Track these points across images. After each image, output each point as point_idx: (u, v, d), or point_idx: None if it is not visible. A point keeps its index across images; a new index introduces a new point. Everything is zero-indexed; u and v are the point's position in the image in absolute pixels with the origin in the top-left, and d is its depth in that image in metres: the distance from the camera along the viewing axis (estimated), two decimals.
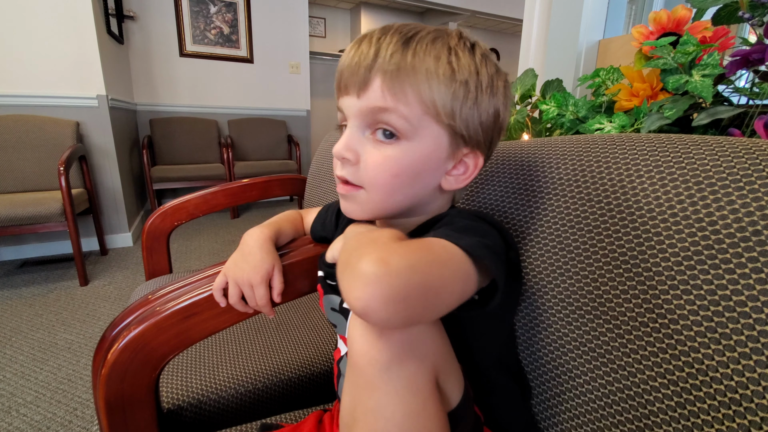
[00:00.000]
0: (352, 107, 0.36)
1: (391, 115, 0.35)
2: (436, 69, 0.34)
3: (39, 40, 1.91)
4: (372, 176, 0.37)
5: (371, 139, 0.37)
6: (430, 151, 0.37)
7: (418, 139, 0.36)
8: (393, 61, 0.34)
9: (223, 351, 0.67)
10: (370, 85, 0.35)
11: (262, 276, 0.43)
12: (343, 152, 0.37)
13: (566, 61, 1.08)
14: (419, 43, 0.34)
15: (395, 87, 0.34)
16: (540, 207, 0.44)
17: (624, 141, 0.40)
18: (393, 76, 0.34)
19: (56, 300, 1.65)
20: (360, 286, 0.24)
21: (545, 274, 0.42)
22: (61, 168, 1.64)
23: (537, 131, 0.74)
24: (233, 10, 3.20)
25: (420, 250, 0.28)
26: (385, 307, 0.24)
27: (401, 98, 0.34)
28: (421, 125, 0.35)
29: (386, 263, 0.25)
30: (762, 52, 0.46)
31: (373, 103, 0.35)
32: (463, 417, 0.33)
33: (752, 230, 0.28)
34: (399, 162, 0.36)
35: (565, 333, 0.40)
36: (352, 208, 0.39)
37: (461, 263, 0.30)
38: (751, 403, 0.26)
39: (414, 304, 0.25)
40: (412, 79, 0.34)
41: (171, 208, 0.93)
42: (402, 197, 0.38)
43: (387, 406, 0.29)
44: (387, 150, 0.36)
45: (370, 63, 0.34)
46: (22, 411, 1.05)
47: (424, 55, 0.34)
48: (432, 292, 0.26)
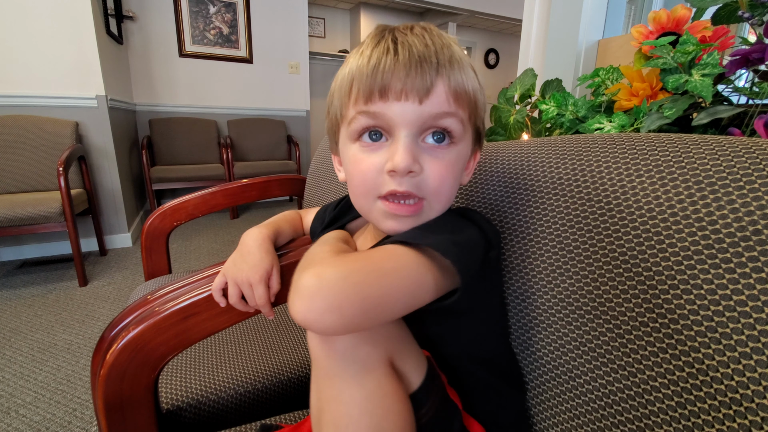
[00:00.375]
0: (409, 113, 0.33)
1: (452, 119, 0.34)
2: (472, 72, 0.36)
3: (38, 41, 1.91)
4: (437, 185, 0.35)
5: (425, 147, 0.35)
6: (466, 152, 0.38)
7: (464, 141, 0.37)
8: (452, 66, 0.33)
9: (222, 351, 0.67)
10: (434, 89, 0.33)
11: (261, 275, 0.43)
12: (412, 164, 0.33)
13: (566, 61, 1.08)
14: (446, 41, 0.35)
15: (459, 89, 0.34)
16: (540, 206, 0.44)
17: (624, 141, 0.40)
18: (457, 77, 0.34)
19: (55, 300, 1.65)
20: (298, 301, 0.26)
21: (545, 273, 0.42)
22: (60, 168, 1.64)
23: (537, 131, 0.74)
24: (232, 10, 3.20)
25: (357, 260, 0.29)
26: (321, 318, 0.26)
27: (461, 103, 0.34)
28: (467, 127, 0.37)
29: (320, 277, 0.26)
30: (762, 51, 0.46)
31: (437, 109, 0.33)
32: (426, 399, 0.34)
33: (752, 229, 0.28)
34: (456, 167, 0.37)
35: (565, 333, 0.40)
36: (411, 225, 0.37)
37: (410, 266, 0.30)
38: (752, 403, 0.26)
39: (350, 312, 0.26)
40: (466, 83, 0.34)
41: (170, 209, 0.93)
42: (451, 202, 0.39)
43: (345, 391, 0.30)
44: (445, 156, 0.35)
45: (434, 64, 0.33)
46: (21, 412, 1.04)
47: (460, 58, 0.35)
48: (370, 302, 0.27)
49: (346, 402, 0.30)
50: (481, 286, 0.39)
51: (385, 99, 0.33)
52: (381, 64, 0.33)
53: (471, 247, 0.34)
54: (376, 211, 0.37)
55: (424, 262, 0.31)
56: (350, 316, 0.26)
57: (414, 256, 0.31)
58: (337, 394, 0.30)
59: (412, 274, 0.30)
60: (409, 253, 0.31)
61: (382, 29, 0.36)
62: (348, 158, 0.38)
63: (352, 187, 0.39)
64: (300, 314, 0.26)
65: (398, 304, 0.29)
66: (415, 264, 0.31)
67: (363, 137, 0.36)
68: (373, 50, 0.34)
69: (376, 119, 0.34)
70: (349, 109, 0.36)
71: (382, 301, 0.28)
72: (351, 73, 0.35)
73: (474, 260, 0.34)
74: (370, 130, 0.35)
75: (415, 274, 0.30)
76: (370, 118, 0.35)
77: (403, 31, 0.35)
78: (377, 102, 0.34)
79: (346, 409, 0.30)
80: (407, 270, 0.30)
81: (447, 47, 0.34)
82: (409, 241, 0.32)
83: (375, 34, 0.36)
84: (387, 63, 0.33)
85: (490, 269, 0.38)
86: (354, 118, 0.36)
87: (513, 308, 0.46)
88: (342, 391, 0.30)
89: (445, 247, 0.31)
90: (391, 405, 0.30)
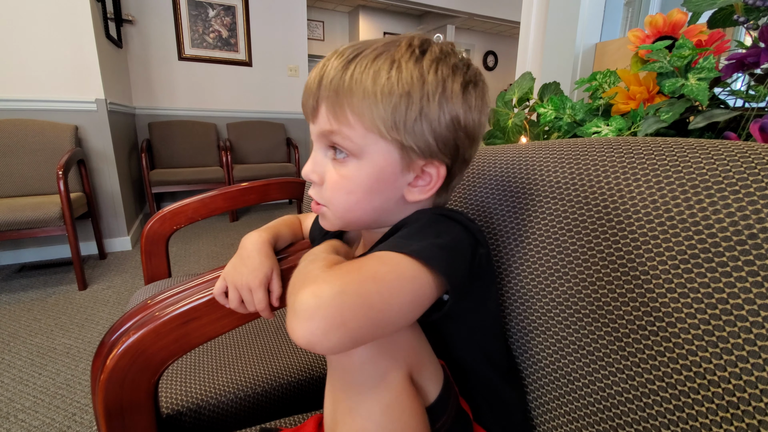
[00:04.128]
0: (312, 131, 0.39)
1: (337, 136, 0.36)
2: (373, 87, 0.34)
3: (38, 45, 1.91)
4: (330, 196, 0.39)
5: (330, 159, 0.38)
6: (381, 167, 0.37)
7: (367, 156, 0.36)
8: (332, 86, 0.35)
9: (222, 355, 0.67)
10: (318, 110, 0.37)
11: (261, 280, 0.43)
12: (310, 174, 0.39)
13: (563, 64, 1.08)
14: (359, 63, 0.35)
15: (336, 110, 0.35)
16: (537, 210, 0.45)
17: (621, 145, 0.40)
18: (333, 100, 0.35)
19: (55, 304, 1.65)
20: (298, 324, 0.25)
21: (543, 277, 0.43)
22: (59, 172, 1.64)
23: (534, 134, 0.74)
24: (232, 13, 3.21)
25: (351, 271, 0.28)
26: (327, 338, 0.25)
27: (343, 120, 0.35)
28: (367, 143, 0.36)
29: (317, 296, 0.25)
30: (757, 55, 0.46)
31: (322, 127, 0.37)
32: (443, 411, 0.34)
33: (748, 233, 0.28)
34: (352, 180, 0.37)
35: (563, 336, 0.40)
36: (323, 223, 0.42)
37: (405, 271, 0.30)
38: (749, 406, 0.26)
39: (356, 326, 0.26)
40: (350, 100, 0.35)
41: (170, 212, 0.93)
42: (361, 212, 0.39)
43: (363, 404, 0.30)
44: (342, 169, 0.37)
45: (315, 90, 0.36)
46: (20, 416, 1.04)
47: (361, 74, 0.34)
48: (373, 310, 0.27)
49: (363, 416, 0.29)
50: (476, 285, 0.39)
51: (306, 117, 0.40)
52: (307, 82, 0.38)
53: (457, 249, 0.34)
54: None
55: (424, 273, 0.31)
56: (356, 328, 0.26)
57: (405, 258, 0.31)
58: (354, 406, 0.30)
59: (409, 274, 0.30)
60: (401, 257, 0.31)
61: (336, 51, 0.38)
62: None
63: None
64: (303, 338, 0.25)
65: (403, 306, 0.29)
66: (409, 265, 0.30)
67: None
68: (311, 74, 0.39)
69: None
70: None
71: (386, 306, 0.27)
72: None
73: (461, 260, 0.34)
74: None
75: (411, 274, 0.30)
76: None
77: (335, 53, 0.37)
78: (306, 118, 0.40)
79: (363, 423, 0.29)
80: (402, 271, 0.30)
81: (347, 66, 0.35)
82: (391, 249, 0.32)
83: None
84: (307, 82, 0.38)
85: (481, 268, 0.38)
86: None
87: (512, 311, 0.46)
88: (359, 404, 0.30)
89: (429, 253, 0.31)
90: (408, 420, 0.30)
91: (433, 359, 0.36)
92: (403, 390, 0.31)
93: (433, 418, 0.33)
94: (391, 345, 0.31)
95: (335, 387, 0.32)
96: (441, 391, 0.34)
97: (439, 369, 0.36)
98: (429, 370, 0.34)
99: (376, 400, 0.30)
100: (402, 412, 0.30)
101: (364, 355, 0.30)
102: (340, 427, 0.30)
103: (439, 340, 0.40)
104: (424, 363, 0.34)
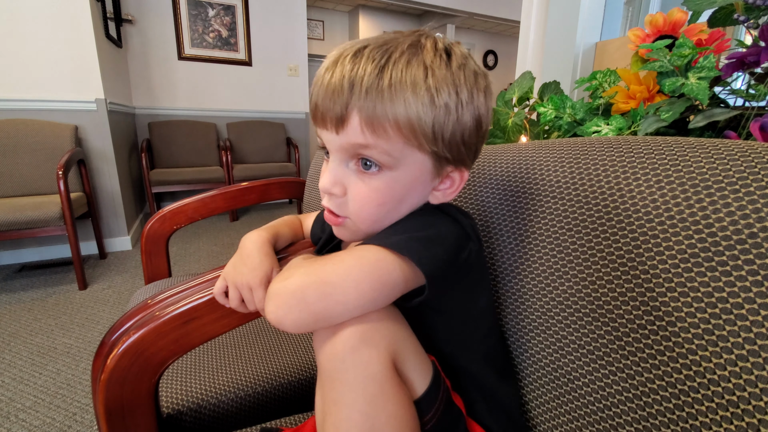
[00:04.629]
0: (332, 142, 0.35)
1: (372, 150, 0.33)
2: (415, 98, 0.32)
3: (37, 45, 1.91)
4: (358, 208, 0.36)
5: (355, 170, 0.36)
6: (414, 177, 0.36)
7: (402, 168, 0.35)
8: (370, 96, 0.31)
9: (222, 355, 0.67)
10: (348, 121, 0.33)
11: (261, 278, 0.43)
12: (331, 188, 0.36)
13: (563, 64, 1.08)
14: (394, 68, 0.32)
15: (374, 123, 0.32)
16: (537, 210, 0.45)
17: (621, 144, 0.40)
18: (371, 111, 0.32)
19: (55, 304, 1.65)
20: (269, 303, 0.30)
21: (543, 277, 0.43)
22: (59, 172, 1.64)
23: (535, 134, 0.74)
24: (231, 13, 3.21)
25: (323, 263, 0.31)
26: (290, 313, 0.29)
27: (381, 134, 0.32)
28: (404, 155, 0.34)
29: (287, 279, 0.30)
30: (757, 54, 0.46)
31: (353, 140, 0.33)
32: (432, 405, 0.34)
33: (748, 233, 0.28)
34: (384, 193, 0.36)
35: (564, 336, 0.40)
36: (342, 234, 0.41)
37: (368, 255, 0.32)
38: (749, 405, 0.26)
39: (314, 301, 0.29)
40: (391, 113, 0.32)
41: (170, 212, 0.93)
42: (389, 222, 0.38)
43: (348, 394, 0.30)
44: (372, 182, 0.35)
45: (346, 98, 0.32)
46: (21, 416, 1.04)
47: (400, 83, 0.32)
48: (330, 287, 0.30)
49: (348, 405, 0.30)
50: (464, 279, 0.39)
51: (319, 125, 0.36)
52: (316, 87, 0.35)
53: (438, 240, 0.35)
54: None
55: (391, 258, 0.32)
56: (315, 303, 0.29)
57: (380, 251, 0.32)
58: (339, 397, 0.30)
59: (371, 257, 0.32)
60: (376, 249, 0.33)
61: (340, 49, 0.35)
62: None
63: None
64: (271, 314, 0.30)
65: (361, 286, 0.31)
66: (374, 251, 0.32)
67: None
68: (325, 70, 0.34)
69: (320, 139, 0.37)
70: None
71: (344, 284, 0.30)
72: None
73: (441, 251, 0.34)
74: (322, 145, 0.39)
75: (374, 257, 0.32)
76: (320, 138, 0.38)
77: (349, 52, 0.34)
78: (319, 128, 0.36)
79: (348, 413, 0.30)
80: (364, 254, 0.32)
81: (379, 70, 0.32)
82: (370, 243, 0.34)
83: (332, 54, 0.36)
84: (317, 89, 0.34)
85: (469, 262, 0.38)
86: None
87: (512, 310, 0.46)
88: (344, 395, 0.30)
89: (402, 244, 0.33)
90: (394, 410, 0.30)
91: (419, 351, 0.36)
92: (386, 379, 0.31)
93: (422, 411, 0.33)
94: (372, 334, 0.32)
95: (323, 381, 0.32)
96: (429, 385, 0.35)
97: (427, 362, 0.36)
98: (414, 362, 0.35)
99: (360, 389, 0.30)
100: (387, 401, 0.30)
101: (347, 345, 0.31)
102: (328, 419, 0.31)
103: (429, 335, 0.40)
104: (409, 354, 0.34)
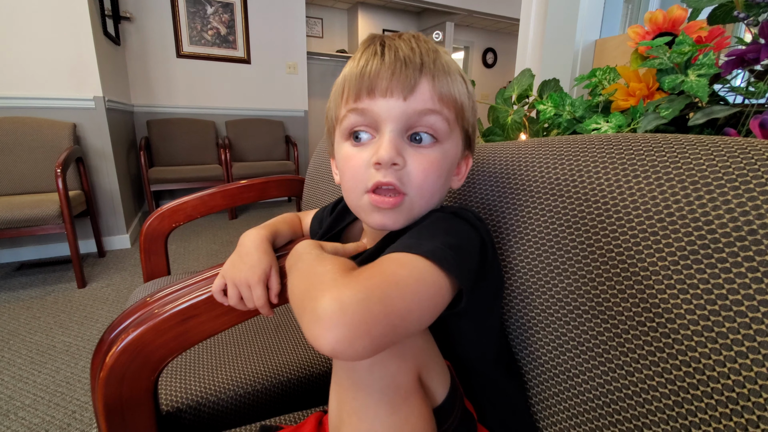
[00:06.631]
0: (394, 109, 0.35)
1: (437, 117, 0.36)
2: (461, 81, 0.37)
3: (35, 42, 1.90)
4: (421, 181, 0.36)
5: (408, 144, 0.37)
6: (454, 153, 0.39)
7: (449, 142, 0.38)
8: (437, 69, 0.35)
9: (221, 353, 0.67)
10: (418, 87, 0.35)
11: (259, 276, 0.43)
12: (395, 157, 0.35)
13: (563, 61, 1.08)
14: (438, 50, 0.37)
15: (442, 93, 0.36)
16: (537, 207, 0.45)
17: (620, 141, 0.40)
18: (440, 83, 0.35)
19: (54, 302, 1.65)
20: (322, 332, 0.24)
21: (542, 274, 0.43)
22: (58, 170, 1.64)
23: (534, 131, 0.74)
24: (230, 10, 3.20)
25: (372, 276, 0.27)
26: (351, 346, 0.24)
27: (445, 104, 0.36)
28: (452, 129, 0.38)
29: (341, 302, 0.24)
30: (757, 51, 0.46)
31: (422, 106, 0.35)
32: (450, 413, 0.34)
33: (748, 229, 0.28)
34: (441, 165, 0.37)
35: (563, 333, 0.40)
36: (394, 219, 0.37)
37: (423, 273, 0.29)
38: (748, 402, 0.26)
39: (379, 333, 0.25)
40: (453, 88, 0.36)
41: (169, 210, 0.93)
42: (436, 201, 0.39)
43: (371, 406, 0.29)
44: (430, 154, 0.37)
45: (418, 65, 0.35)
46: (20, 414, 1.04)
47: (449, 65, 0.37)
48: (396, 316, 0.26)
49: (371, 418, 0.29)
50: (484, 284, 0.39)
51: (372, 96, 0.36)
52: (368, 65, 0.36)
53: (468, 249, 0.34)
54: (364, 205, 0.38)
55: (434, 268, 0.30)
56: (380, 336, 0.25)
57: (422, 260, 0.30)
58: (361, 408, 0.29)
59: (428, 278, 0.29)
60: (417, 259, 0.30)
61: (372, 37, 0.38)
62: (341, 156, 0.40)
63: (344, 184, 0.40)
64: (328, 345, 0.24)
65: (424, 312, 0.28)
66: (427, 268, 0.29)
67: (354, 136, 0.38)
68: (362, 54, 0.37)
69: (364, 116, 0.36)
70: (341, 109, 0.39)
71: (408, 312, 0.27)
72: (344, 77, 0.38)
73: (472, 261, 0.34)
74: (359, 127, 0.37)
75: (430, 277, 0.29)
76: (359, 115, 0.37)
77: (392, 37, 0.37)
78: (365, 99, 0.36)
79: (370, 424, 0.29)
80: (421, 274, 0.29)
81: (433, 52, 0.37)
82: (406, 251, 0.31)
83: (365, 41, 0.39)
84: (374, 64, 0.35)
85: (488, 267, 0.38)
86: (345, 116, 0.38)
87: (511, 308, 0.46)
88: (366, 406, 0.29)
89: (442, 254, 0.30)
90: (417, 422, 0.30)
91: (440, 360, 0.36)
92: (412, 392, 0.30)
93: (440, 420, 0.33)
94: (401, 346, 0.31)
95: (342, 386, 0.31)
96: (448, 393, 0.34)
97: (446, 370, 0.36)
98: (436, 371, 0.34)
99: (385, 401, 0.29)
100: (410, 414, 0.30)
101: (376, 356, 0.29)
102: (346, 428, 0.30)
103: (447, 340, 0.40)
104: (433, 364, 0.34)
